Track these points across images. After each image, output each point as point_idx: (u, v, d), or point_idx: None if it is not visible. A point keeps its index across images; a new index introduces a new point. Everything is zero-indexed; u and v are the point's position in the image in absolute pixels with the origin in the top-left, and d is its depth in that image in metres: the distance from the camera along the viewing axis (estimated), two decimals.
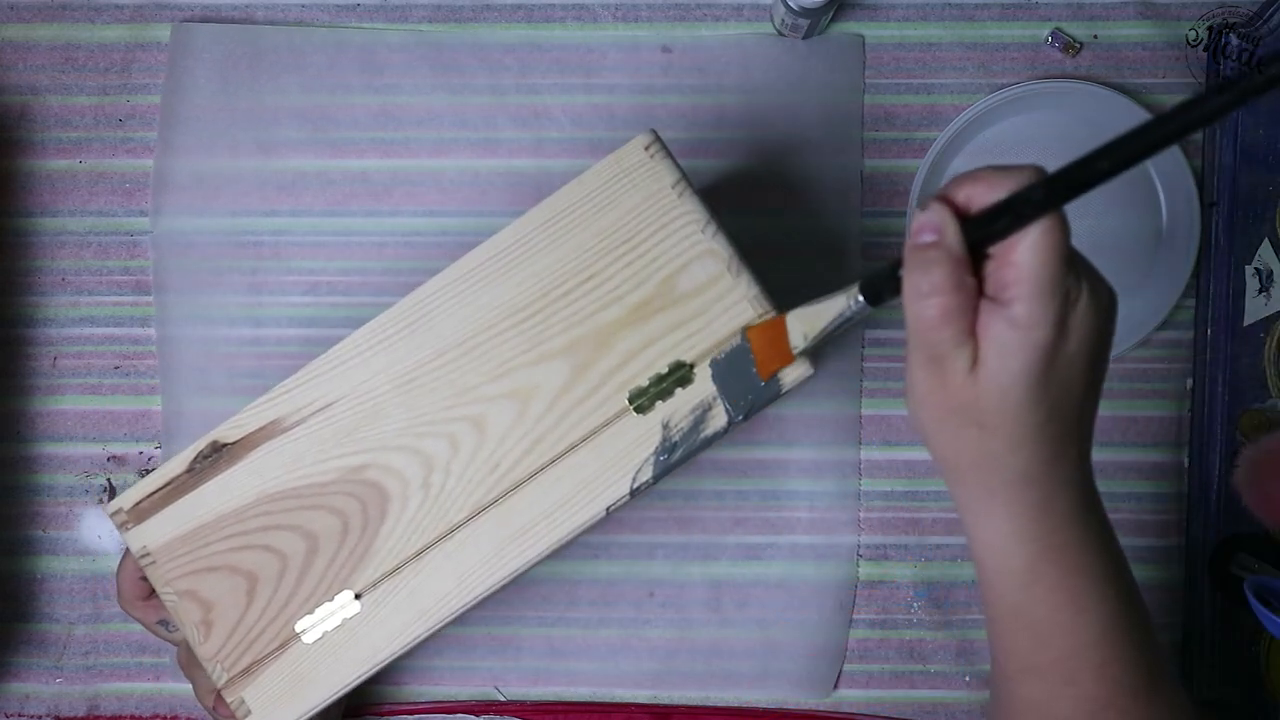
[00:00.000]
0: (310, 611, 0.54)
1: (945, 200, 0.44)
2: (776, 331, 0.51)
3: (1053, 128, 0.72)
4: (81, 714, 0.74)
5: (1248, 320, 0.70)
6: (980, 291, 0.43)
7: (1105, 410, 0.73)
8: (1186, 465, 0.73)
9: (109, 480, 0.73)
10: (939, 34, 0.73)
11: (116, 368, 0.73)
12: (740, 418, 0.53)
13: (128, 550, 0.56)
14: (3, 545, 0.73)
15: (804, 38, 0.72)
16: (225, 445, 0.55)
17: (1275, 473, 0.68)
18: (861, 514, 0.73)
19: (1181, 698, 0.50)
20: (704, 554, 0.73)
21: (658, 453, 0.53)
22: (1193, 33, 0.71)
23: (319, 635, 0.53)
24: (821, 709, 0.73)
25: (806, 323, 0.50)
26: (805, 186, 0.72)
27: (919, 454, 0.73)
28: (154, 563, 0.55)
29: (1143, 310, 0.72)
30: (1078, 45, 0.72)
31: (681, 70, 0.73)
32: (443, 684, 0.73)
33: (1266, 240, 0.70)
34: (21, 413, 0.73)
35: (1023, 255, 0.42)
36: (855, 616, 0.73)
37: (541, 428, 0.54)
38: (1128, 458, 0.73)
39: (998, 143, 0.72)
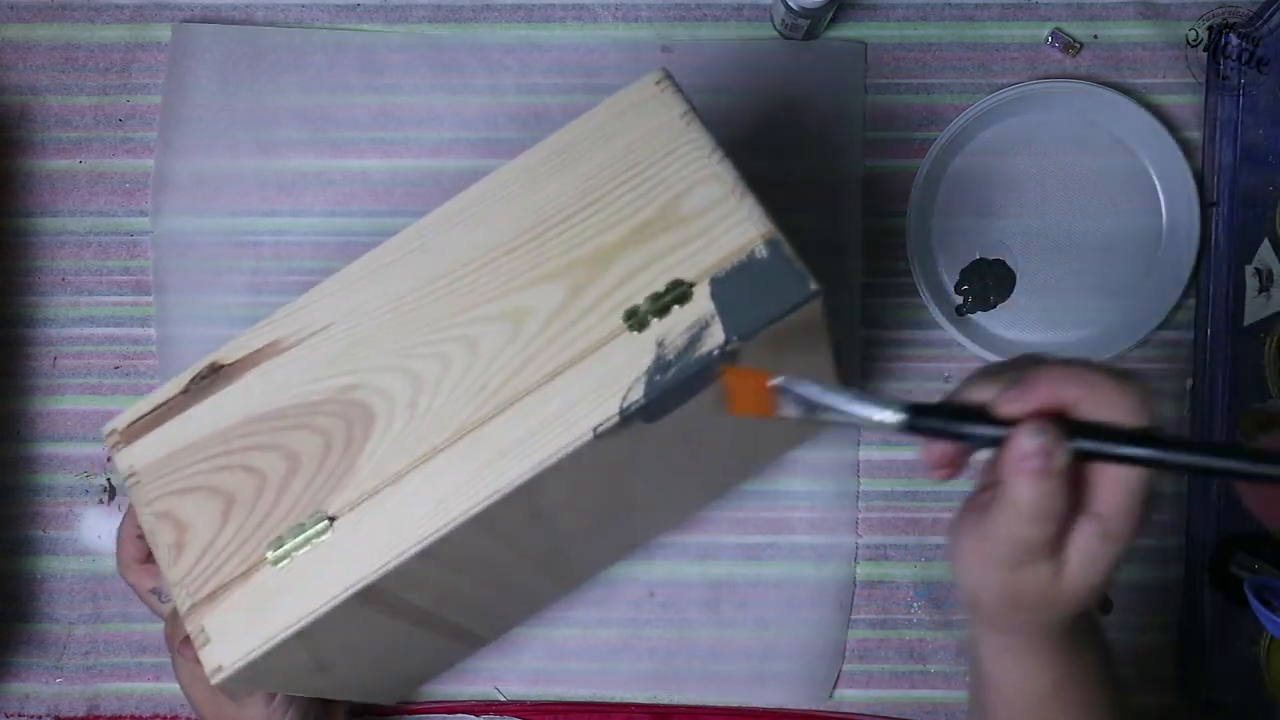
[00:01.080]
0: (285, 538, 0.50)
1: (1041, 389, 0.42)
2: (758, 384, 0.48)
3: (1053, 128, 0.72)
4: (81, 714, 0.74)
5: (1248, 320, 0.70)
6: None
7: None
8: None
9: (109, 480, 0.73)
10: (939, 34, 0.73)
11: (116, 368, 0.73)
12: (736, 337, 0.50)
13: (129, 509, 0.55)
14: (3, 545, 0.73)
15: (804, 38, 0.72)
16: (222, 367, 0.53)
17: None
18: (861, 514, 0.73)
19: None
20: (703, 554, 0.73)
21: (650, 372, 0.49)
22: (1193, 33, 0.71)
23: (287, 560, 0.50)
24: (821, 710, 0.73)
25: (803, 402, 0.47)
26: (805, 186, 0.72)
27: (919, 454, 0.73)
28: (138, 483, 0.52)
29: (1143, 310, 0.72)
30: (1078, 45, 0.72)
31: (681, 70, 0.72)
32: (443, 684, 0.73)
33: (1266, 240, 0.70)
34: (21, 413, 0.73)
35: (1125, 472, 0.41)
36: (855, 617, 0.73)
37: (533, 348, 0.51)
38: None
39: (998, 143, 0.72)
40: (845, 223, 0.72)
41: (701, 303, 0.50)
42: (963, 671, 0.73)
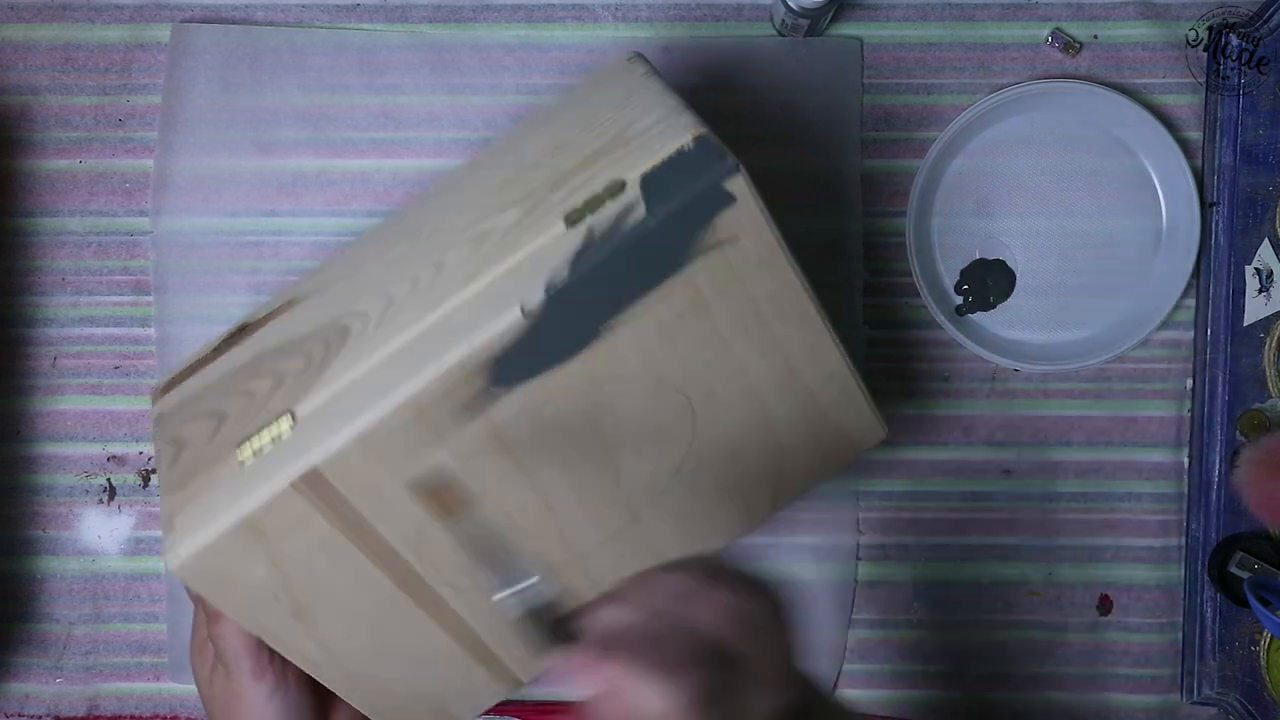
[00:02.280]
0: (253, 436, 0.53)
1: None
2: None
3: (1053, 128, 0.72)
4: (81, 714, 0.74)
5: (1248, 320, 0.70)
6: None
7: (1105, 410, 0.73)
8: (1186, 465, 0.73)
9: (109, 480, 0.73)
10: (938, 34, 0.73)
11: (116, 368, 0.73)
12: (660, 210, 0.52)
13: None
14: (3, 545, 0.73)
15: (804, 37, 0.72)
16: (247, 325, 0.60)
17: (1275, 473, 0.68)
18: (861, 514, 0.73)
19: None
20: None
21: (576, 254, 0.52)
22: (1193, 33, 0.71)
23: (252, 456, 0.52)
24: None
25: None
26: (805, 186, 0.72)
27: (919, 454, 0.73)
28: (159, 423, 0.58)
29: (1143, 310, 0.72)
30: (1078, 45, 0.72)
31: (681, 70, 0.73)
32: None
33: (1266, 240, 0.70)
34: (21, 413, 0.73)
35: None
36: (855, 616, 0.73)
37: (486, 258, 0.54)
38: (1128, 458, 0.73)
39: (998, 143, 0.72)
40: (845, 223, 0.72)
41: (631, 193, 0.53)
42: (963, 671, 0.73)
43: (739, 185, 0.52)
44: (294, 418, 0.53)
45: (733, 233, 0.53)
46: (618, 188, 0.53)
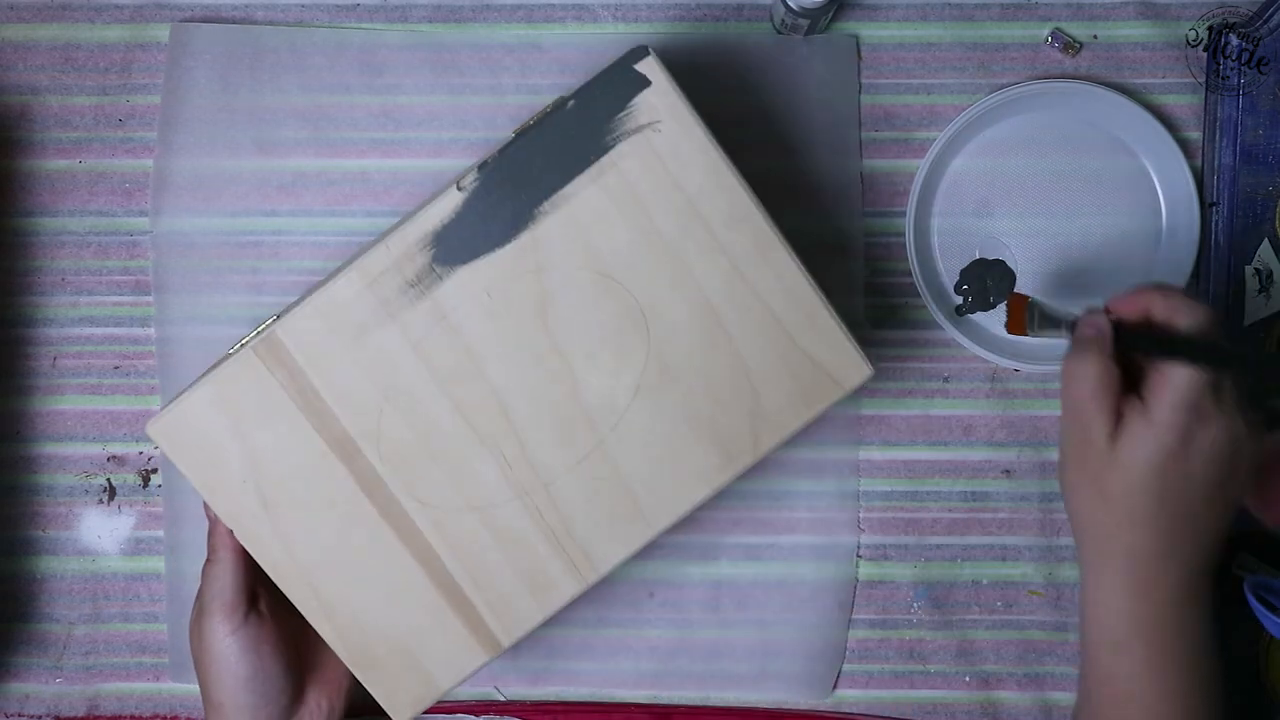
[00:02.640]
0: (246, 337, 0.60)
1: (1114, 312, 0.56)
2: (1018, 306, 0.65)
3: (1053, 128, 0.72)
4: (81, 714, 0.74)
5: (1248, 320, 0.70)
6: (1133, 390, 0.54)
7: None
8: None
9: (109, 480, 0.73)
10: (938, 34, 0.73)
11: (116, 368, 0.73)
12: (581, 96, 0.58)
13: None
14: (3, 545, 0.73)
15: (804, 37, 0.72)
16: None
17: (1275, 473, 0.68)
18: (861, 514, 0.73)
19: None
20: (703, 554, 0.73)
21: (509, 142, 0.58)
22: (1193, 33, 0.71)
23: (238, 347, 0.59)
24: (821, 709, 0.73)
25: (1036, 318, 0.64)
26: (805, 186, 0.72)
27: (919, 454, 0.73)
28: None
29: None
30: (1078, 45, 0.72)
31: (681, 70, 0.72)
32: None
33: (1266, 240, 0.70)
34: (21, 413, 0.73)
35: (1174, 372, 0.52)
36: (855, 616, 0.73)
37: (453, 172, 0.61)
38: None
39: (998, 143, 0.72)
40: (845, 223, 0.72)
41: (569, 100, 0.58)
42: (963, 671, 0.73)
43: (651, 67, 0.58)
44: (279, 318, 0.59)
45: (653, 116, 0.58)
46: (561, 103, 0.59)
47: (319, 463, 0.59)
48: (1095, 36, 0.72)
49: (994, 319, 0.73)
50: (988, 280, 0.73)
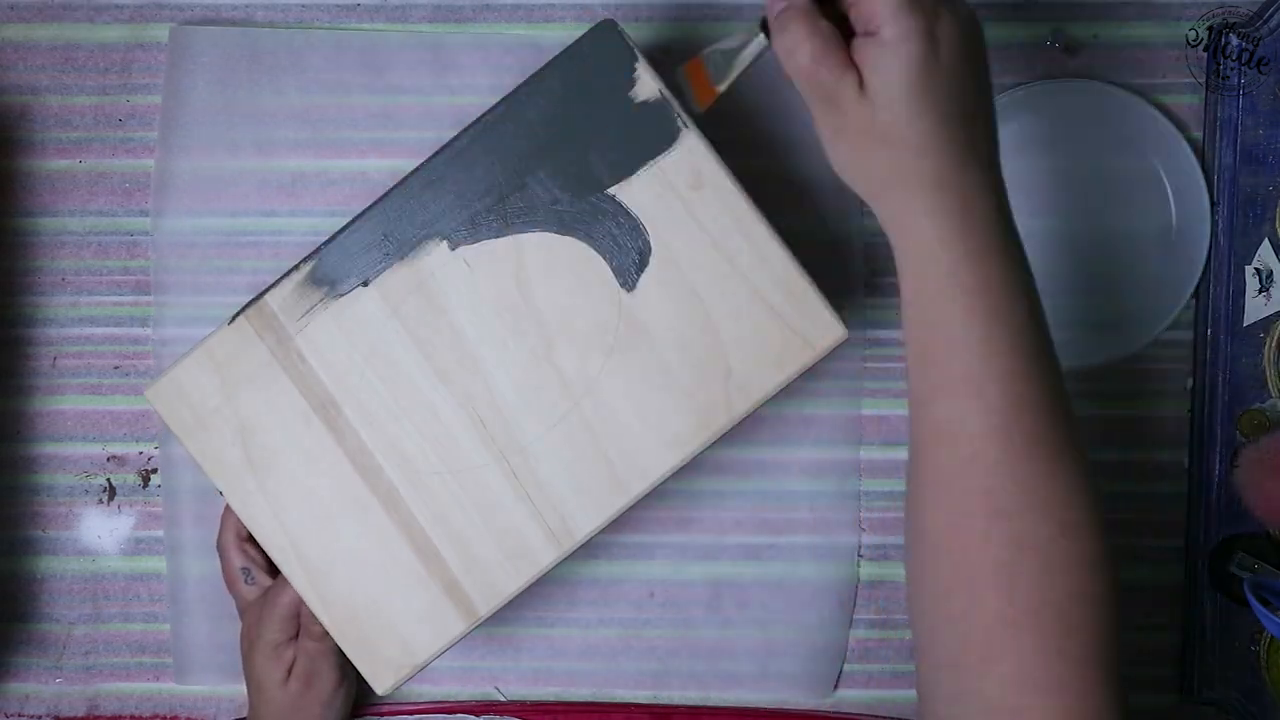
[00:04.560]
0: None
1: None
2: (695, 70, 0.57)
3: (1053, 128, 0.72)
4: (81, 714, 0.74)
5: (1248, 320, 0.70)
6: (852, 31, 0.50)
7: (1105, 410, 0.73)
8: (1186, 465, 0.73)
9: (109, 480, 0.73)
10: None
11: (116, 368, 0.73)
12: (554, 73, 0.60)
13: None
14: (3, 545, 0.73)
15: None
16: None
17: (1275, 473, 0.68)
18: (862, 514, 0.73)
19: (1079, 440, 0.51)
20: (704, 554, 0.73)
21: (473, 127, 0.61)
22: (1193, 33, 0.71)
23: (241, 315, 0.61)
24: (821, 709, 0.73)
25: (720, 65, 0.57)
26: (804, 186, 0.72)
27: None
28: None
29: (1152, 310, 0.72)
30: (1078, 45, 0.72)
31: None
32: (443, 684, 0.73)
33: (1266, 240, 0.70)
34: (21, 413, 0.73)
35: None
36: (855, 616, 0.73)
37: None
38: (1128, 458, 0.73)
39: (1003, 143, 0.72)
40: (845, 223, 0.72)
41: (548, 76, 0.61)
42: None
43: (616, 36, 0.60)
44: (270, 287, 0.61)
45: (631, 89, 0.60)
46: (540, 78, 0.61)
47: (304, 427, 0.61)
48: (1095, 36, 0.72)
49: None
50: None
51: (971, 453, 0.50)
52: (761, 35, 0.54)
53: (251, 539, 0.66)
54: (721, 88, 0.57)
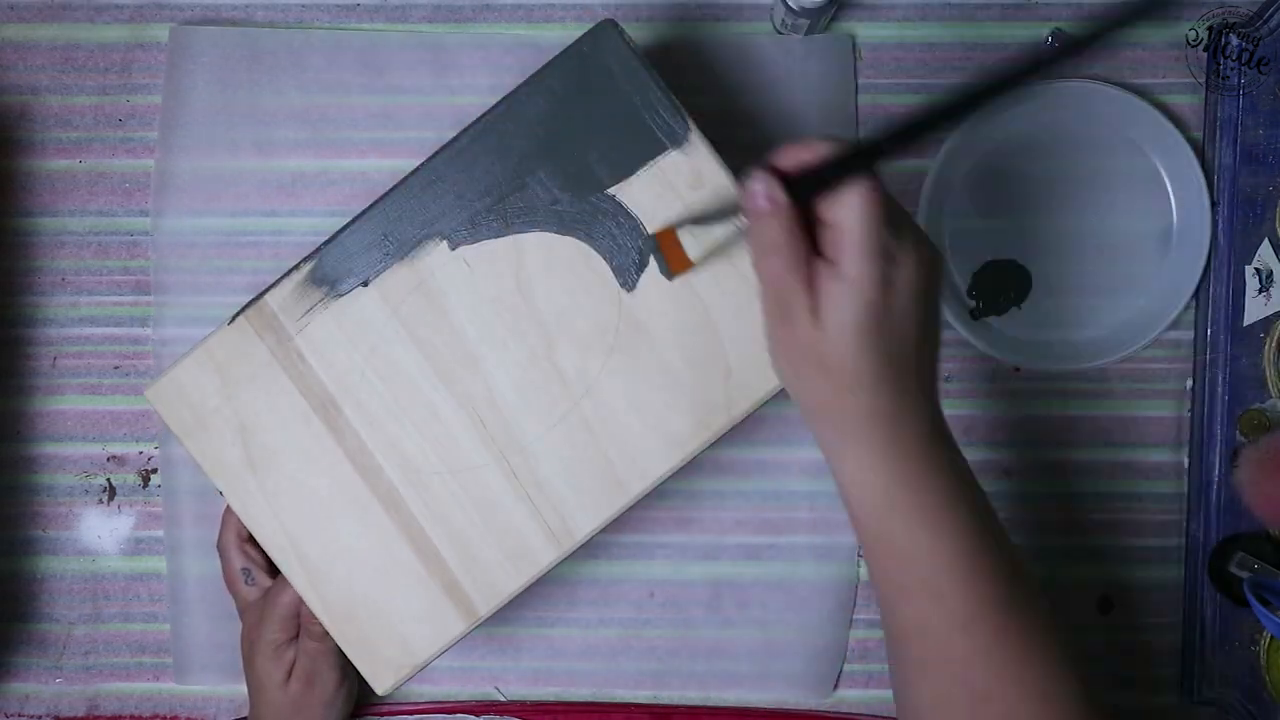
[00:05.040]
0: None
1: (773, 168, 0.51)
2: (668, 239, 0.58)
3: (1053, 128, 0.72)
4: (81, 714, 0.74)
5: (1248, 320, 0.70)
6: (818, 252, 0.50)
7: (1105, 410, 0.73)
8: (1186, 465, 0.73)
9: (109, 480, 0.73)
10: (938, 34, 0.73)
11: (116, 368, 0.73)
12: (554, 73, 0.60)
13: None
14: (3, 545, 0.73)
15: (804, 36, 0.72)
16: None
17: (1275, 473, 0.68)
18: None
19: (1044, 611, 0.53)
20: (704, 554, 0.73)
21: (474, 126, 0.61)
22: (1193, 33, 0.71)
23: (241, 317, 0.61)
24: (821, 709, 0.73)
25: (699, 238, 0.58)
26: None
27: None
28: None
29: (1154, 310, 0.72)
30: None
31: (681, 70, 0.73)
32: (443, 684, 0.73)
33: (1266, 240, 0.70)
34: (21, 413, 0.73)
35: (846, 219, 0.49)
36: (856, 616, 0.73)
37: None
38: (1128, 458, 0.73)
39: (1005, 143, 0.72)
40: None
41: (550, 76, 0.61)
42: None
43: (614, 36, 0.60)
44: (270, 287, 0.61)
45: (624, 84, 0.60)
46: (541, 78, 0.61)
47: (304, 427, 0.61)
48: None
49: (1002, 318, 0.73)
50: (1007, 283, 0.72)
51: (943, 648, 0.51)
52: (742, 218, 0.54)
53: (252, 540, 0.65)
54: (698, 262, 0.59)
